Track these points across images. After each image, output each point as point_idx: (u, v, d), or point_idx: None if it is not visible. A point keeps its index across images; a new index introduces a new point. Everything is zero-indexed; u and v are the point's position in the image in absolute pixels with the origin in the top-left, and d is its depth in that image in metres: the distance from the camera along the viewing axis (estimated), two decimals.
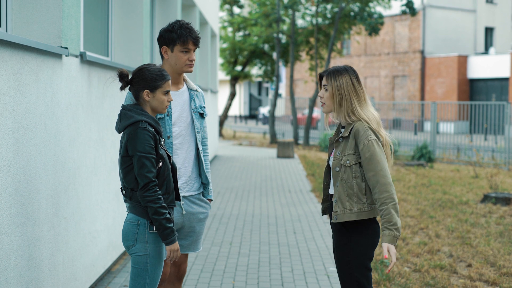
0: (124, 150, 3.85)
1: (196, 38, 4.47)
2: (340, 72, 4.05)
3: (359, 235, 4.05)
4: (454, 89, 40.82)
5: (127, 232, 3.92)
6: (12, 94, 4.01)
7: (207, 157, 4.72)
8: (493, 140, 24.04)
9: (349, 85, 4.03)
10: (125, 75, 3.92)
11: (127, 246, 3.95)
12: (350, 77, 4.04)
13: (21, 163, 4.14)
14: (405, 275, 6.87)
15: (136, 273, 3.96)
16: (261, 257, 7.75)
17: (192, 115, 4.52)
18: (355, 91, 4.03)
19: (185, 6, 14.07)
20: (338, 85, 4.03)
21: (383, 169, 3.94)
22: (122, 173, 3.90)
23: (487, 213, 10.71)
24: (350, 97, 4.02)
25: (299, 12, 29.25)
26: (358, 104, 4.04)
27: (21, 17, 4.96)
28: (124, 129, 3.88)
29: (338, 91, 4.02)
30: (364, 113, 4.03)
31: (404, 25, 44.36)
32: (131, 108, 3.89)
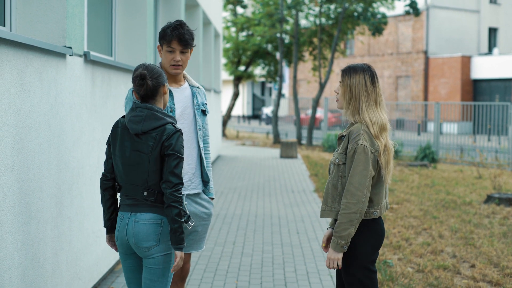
0: (156, 151, 3.81)
1: (181, 38, 4.32)
2: (356, 69, 4.02)
3: (358, 236, 4.02)
4: (457, 89, 40.78)
5: (148, 232, 3.85)
6: (16, 93, 4.01)
7: (209, 155, 4.71)
8: (496, 140, 24.01)
9: (361, 84, 3.98)
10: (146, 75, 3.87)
11: (148, 247, 3.86)
12: (364, 76, 3.99)
13: (25, 162, 4.14)
14: (409, 276, 6.86)
15: (161, 273, 3.93)
16: (264, 257, 7.74)
17: (195, 112, 4.52)
18: (366, 91, 3.99)
19: (188, 6, 14.08)
20: (350, 82, 4.00)
21: (355, 177, 3.88)
22: (149, 174, 3.84)
23: (490, 214, 10.70)
24: (359, 96, 3.99)
25: (302, 12, 29.24)
26: (366, 104, 3.99)
27: (25, 16, 4.96)
28: (150, 130, 3.83)
29: (349, 89, 4.00)
30: (368, 115, 3.98)
31: (408, 25, 44.34)
32: (157, 109, 3.87)
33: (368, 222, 4.03)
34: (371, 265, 4.08)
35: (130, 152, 3.86)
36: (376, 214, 4.00)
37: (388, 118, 4.12)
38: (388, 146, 4.05)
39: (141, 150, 3.83)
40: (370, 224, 4.04)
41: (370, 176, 3.90)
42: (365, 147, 3.89)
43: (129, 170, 3.87)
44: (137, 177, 3.86)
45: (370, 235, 4.04)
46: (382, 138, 3.99)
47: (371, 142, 3.93)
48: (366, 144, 3.89)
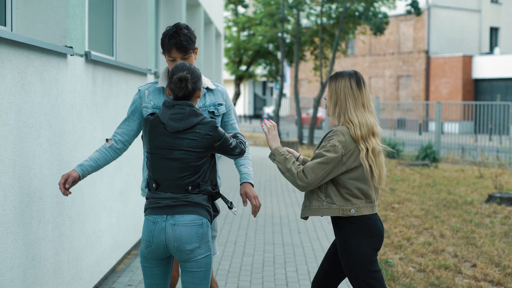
0: (203, 146, 3.86)
1: (179, 46, 4.25)
2: (342, 75, 4.11)
3: (352, 237, 4.06)
4: (458, 89, 40.76)
5: (191, 234, 3.82)
6: (17, 93, 4.01)
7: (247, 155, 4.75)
8: (497, 140, 24.01)
9: (347, 87, 4.06)
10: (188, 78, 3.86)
11: (191, 249, 3.83)
12: (350, 80, 4.07)
13: (26, 162, 4.14)
14: (410, 275, 6.86)
15: (203, 276, 3.91)
16: (266, 257, 7.74)
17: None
18: (352, 94, 4.06)
19: (190, 5, 14.08)
20: (336, 86, 4.09)
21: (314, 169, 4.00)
22: (195, 169, 3.86)
23: (491, 213, 10.69)
24: (346, 99, 4.06)
25: (303, 12, 29.24)
26: (354, 106, 4.06)
27: (26, 16, 4.97)
28: (192, 127, 3.84)
29: (335, 92, 4.09)
30: (357, 116, 4.04)
31: (409, 25, 44.32)
32: (194, 107, 3.91)
33: (358, 220, 4.06)
34: (371, 265, 4.08)
35: (172, 149, 3.84)
36: (354, 212, 4.04)
37: (390, 118, 4.18)
38: (377, 148, 4.07)
39: (184, 147, 3.83)
40: (360, 222, 4.06)
41: (327, 172, 4.00)
42: (335, 146, 3.98)
43: (171, 166, 3.85)
44: (180, 173, 3.85)
45: (363, 235, 4.06)
46: (371, 141, 4.03)
47: (344, 144, 3.99)
48: (338, 144, 3.98)
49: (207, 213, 3.91)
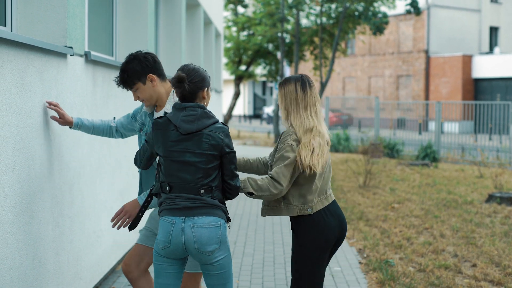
0: (214, 148, 3.88)
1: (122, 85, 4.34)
2: (289, 80, 4.28)
3: (303, 234, 4.17)
4: (458, 88, 40.76)
5: (211, 236, 3.84)
6: (17, 93, 4.01)
7: None
8: (497, 140, 24.01)
9: (292, 92, 4.22)
10: (184, 78, 3.90)
11: (212, 250, 3.85)
12: (295, 85, 4.23)
13: (26, 162, 4.14)
14: (410, 275, 6.86)
15: (227, 275, 3.96)
16: (266, 257, 7.75)
17: None
18: (295, 98, 4.22)
19: (189, 5, 14.08)
20: (284, 92, 4.26)
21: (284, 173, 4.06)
22: (207, 172, 3.88)
23: (492, 213, 10.69)
24: (290, 104, 4.23)
25: (303, 12, 29.23)
26: (294, 110, 4.21)
27: (26, 16, 4.97)
28: (203, 128, 3.88)
29: (283, 97, 4.26)
30: (294, 120, 4.21)
31: (409, 24, 44.31)
32: (205, 108, 3.95)
33: (309, 218, 4.16)
34: (313, 268, 4.16)
35: (184, 151, 3.86)
36: (311, 210, 4.15)
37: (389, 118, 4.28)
38: (315, 145, 4.18)
39: (196, 149, 3.85)
40: (311, 220, 4.16)
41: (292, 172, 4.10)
42: (291, 145, 4.10)
43: (184, 169, 3.86)
44: (193, 175, 3.86)
45: (310, 233, 4.15)
46: (305, 138, 4.16)
47: (297, 143, 4.13)
48: (293, 143, 4.11)
49: (224, 213, 3.94)
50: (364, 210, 10.78)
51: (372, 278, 6.84)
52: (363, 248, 8.22)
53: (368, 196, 12.43)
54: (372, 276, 6.90)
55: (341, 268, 7.31)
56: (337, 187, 13.70)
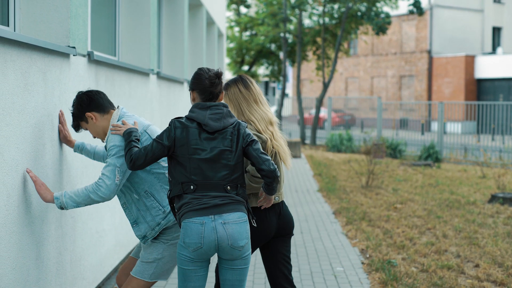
0: (239, 145, 3.99)
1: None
2: (230, 84, 4.59)
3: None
4: (461, 89, 40.73)
5: (243, 231, 3.93)
6: (20, 93, 4.01)
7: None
8: (500, 140, 24.00)
9: (236, 93, 4.54)
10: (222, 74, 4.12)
11: (243, 245, 3.94)
12: (238, 85, 4.56)
13: (29, 162, 4.15)
14: (413, 275, 6.86)
15: (246, 272, 4.06)
16: None
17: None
18: (242, 97, 4.53)
19: (192, 5, 14.08)
20: (229, 95, 4.57)
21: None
22: (233, 169, 3.97)
23: (494, 213, 10.68)
24: (239, 103, 4.53)
25: (306, 12, 29.24)
26: (248, 107, 4.52)
27: (29, 16, 4.97)
28: (228, 126, 3.99)
29: (230, 100, 4.56)
30: (252, 114, 4.49)
31: (411, 25, 44.29)
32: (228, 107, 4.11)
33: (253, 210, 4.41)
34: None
35: (210, 149, 3.93)
36: (278, 199, 4.46)
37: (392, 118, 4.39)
38: (277, 135, 4.54)
39: (222, 146, 3.94)
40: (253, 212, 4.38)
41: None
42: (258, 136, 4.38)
43: (210, 167, 3.92)
44: (219, 173, 3.93)
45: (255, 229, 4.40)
46: (269, 130, 4.49)
47: (258, 136, 4.41)
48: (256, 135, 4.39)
49: (246, 209, 4.04)
50: (367, 211, 10.78)
51: (375, 279, 6.83)
52: (366, 248, 8.21)
53: (370, 197, 12.42)
54: (375, 277, 6.90)
55: (344, 268, 7.31)
56: (340, 187, 13.70)
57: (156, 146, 3.94)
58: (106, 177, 4.02)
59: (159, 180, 4.23)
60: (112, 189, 4.02)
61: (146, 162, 3.96)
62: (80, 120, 4.35)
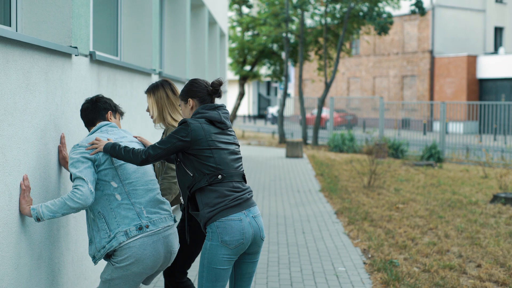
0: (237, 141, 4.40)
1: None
2: (157, 87, 4.92)
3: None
4: (463, 89, 40.70)
5: (263, 223, 4.27)
6: (22, 93, 4.02)
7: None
8: (502, 140, 23.97)
9: (163, 97, 4.90)
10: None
11: (265, 236, 4.29)
12: (165, 89, 4.92)
13: (31, 162, 4.15)
14: (414, 275, 6.86)
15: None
16: (270, 257, 7.74)
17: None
18: (169, 102, 4.90)
19: (194, 6, 14.09)
20: (156, 98, 4.91)
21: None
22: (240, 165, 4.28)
23: (496, 214, 10.67)
24: (164, 107, 4.89)
25: (308, 12, 29.23)
26: (171, 112, 4.90)
27: (31, 16, 4.97)
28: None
29: (155, 104, 4.90)
30: (174, 120, 4.87)
31: (413, 24, 44.26)
32: None
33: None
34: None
35: (227, 143, 4.24)
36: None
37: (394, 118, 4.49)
38: None
39: (233, 141, 4.31)
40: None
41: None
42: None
43: (231, 159, 4.21)
44: (237, 163, 4.25)
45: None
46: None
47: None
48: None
49: None
50: (369, 211, 10.78)
51: (377, 279, 6.83)
52: (368, 248, 8.21)
53: (372, 197, 12.42)
54: (377, 277, 6.90)
55: (346, 268, 7.31)
56: (342, 187, 13.69)
57: (174, 142, 4.12)
58: (79, 185, 4.02)
59: (109, 202, 4.17)
60: (87, 195, 4.00)
61: (159, 156, 4.15)
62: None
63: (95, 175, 4.14)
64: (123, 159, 4.15)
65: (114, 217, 4.15)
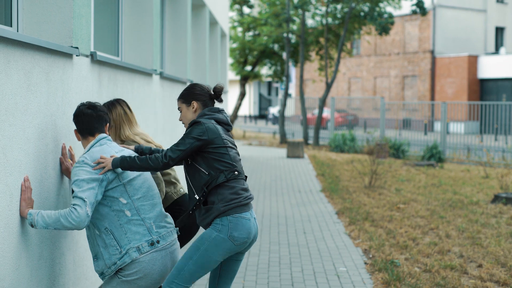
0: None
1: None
2: (113, 104, 5.00)
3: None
4: (464, 89, 40.69)
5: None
6: (23, 93, 4.02)
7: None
8: (503, 140, 23.95)
9: (121, 114, 4.99)
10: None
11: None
12: (122, 107, 5.02)
13: (32, 163, 4.15)
14: (416, 275, 6.85)
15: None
16: (271, 257, 7.74)
17: None
18: (127, 119, 5.01)
19: (195, 6, 14.09)
20: (114, 115, 4.97)
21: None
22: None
23: (497, 214, 10.67)
24: (122, 124, 4.98)
25: (309, 12, 29.22)
26: (129, 127, 4.99)
27: (32, 17, 4.97)
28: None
29: (113, 120, 4.95)
30: (136, 134, 4.99)
31: (414, 25, 44.25)
32: None
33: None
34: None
35: (233, 143, 4.45)
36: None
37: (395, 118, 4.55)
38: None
39: (234, 142, 4.50)
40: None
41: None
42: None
43: (238, 158, 4.44)
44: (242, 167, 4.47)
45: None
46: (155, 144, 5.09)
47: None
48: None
49: None
50: (370, 211, 10.77)
51: (378, 279, 6.83)
52: (369, 248, 8.21)
53: (373, 197, 12.42)
54: (378, 277, 6.90)
55: (347, 268, 7.31)
56: (343, 187, 13.69)
57: (192, 142, 4.23)
58: (78, 206, 3.99)
59: (118, 218, 4.18)
60: (83, 218, 3.97)
61: (180, 158, 4.24)
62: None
63: (98, 196, 4.09)
64: (138, 169, 4.18)
65: (124, 233, 4.16)
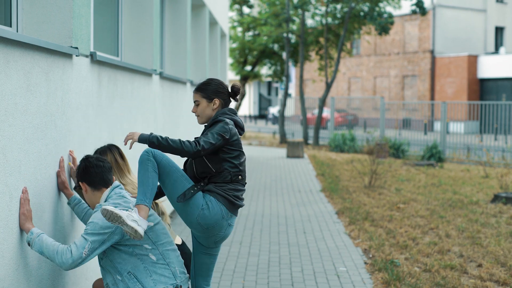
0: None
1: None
2: (104, 151, 4.85)
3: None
4: (464, 89, 40.69)
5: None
6: (23, 94, 4.02)
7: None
8: (503, 140, 23.95)
9: (112, 162, 4.81)
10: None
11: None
12: (114, 154, 4.86)
13: (31, 163, 4.15)
14: (415, 275, 6.86)
15: None
16: (271, 257, 7.74)
17: None
18: (117, 167, 4.85)
19: (194, 6, 14.08)
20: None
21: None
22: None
23: (497, 213, 10.67)
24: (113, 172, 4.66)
25: (309, 12, 29.23)
26: (120, 176, 4.84)
27: (32, 17, 4.97)
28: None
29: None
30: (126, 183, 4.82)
31: (414, 24, 44.26)
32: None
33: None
34: None
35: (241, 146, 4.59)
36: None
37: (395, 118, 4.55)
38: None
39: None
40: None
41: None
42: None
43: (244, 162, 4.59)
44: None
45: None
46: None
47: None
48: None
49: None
50: (370, 210, 10.78)
51: (378, 279, 6.83)
52: (369, 248, 8.21)
53: (373, 196, 12.42)
54: (378, 277, 6.90)
55: (347, 268, 7.31)
56: (343, 187, 13.69)
57: (220, 139, 4.35)
58: (75, 246, 3.98)
59: (142, 261, 4.19)
60: (74, 259, 3.95)
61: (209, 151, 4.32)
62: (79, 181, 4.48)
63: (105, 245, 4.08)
64: (166, 149, 4.24)
65: (149, 276, 4.18)
